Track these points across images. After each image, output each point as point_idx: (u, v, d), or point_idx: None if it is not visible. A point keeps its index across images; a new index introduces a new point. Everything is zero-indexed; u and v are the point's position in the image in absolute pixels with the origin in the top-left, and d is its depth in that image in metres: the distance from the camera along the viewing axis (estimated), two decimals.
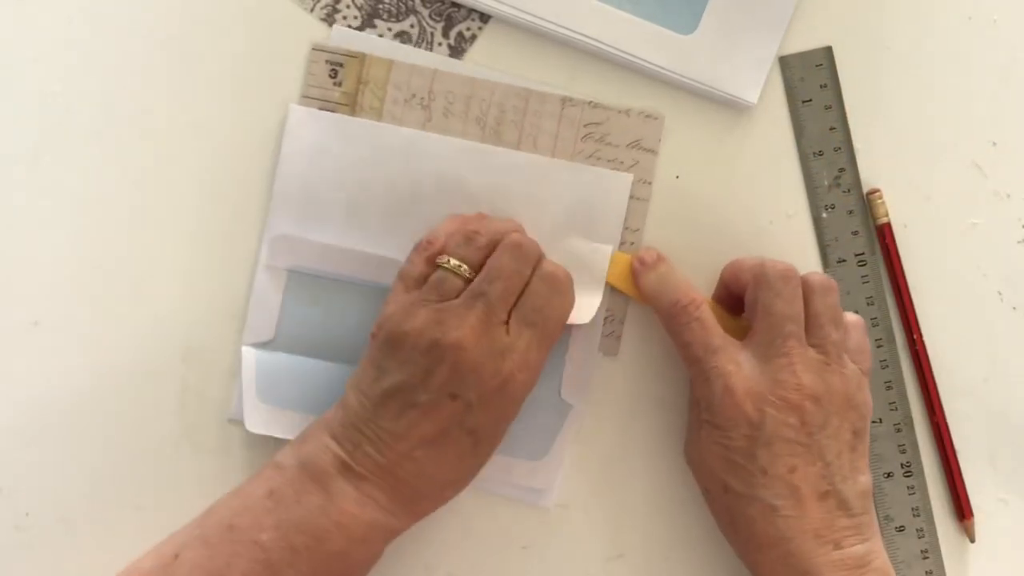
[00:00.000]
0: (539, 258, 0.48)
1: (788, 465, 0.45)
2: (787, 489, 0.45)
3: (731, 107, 0.53)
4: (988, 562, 0.53)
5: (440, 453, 0.45)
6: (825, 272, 0.53)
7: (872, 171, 0.54)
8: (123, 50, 0.52)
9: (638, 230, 0.52)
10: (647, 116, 0.53)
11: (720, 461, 0.47)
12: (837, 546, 0.45)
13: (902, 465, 0.52)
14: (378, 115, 0.52)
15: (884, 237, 0.53)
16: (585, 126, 0.53)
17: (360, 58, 0.52)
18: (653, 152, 0.53)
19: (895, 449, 0.52)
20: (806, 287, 0.48)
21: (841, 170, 0.53)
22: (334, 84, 0.52)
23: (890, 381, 0.53)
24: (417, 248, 0.48)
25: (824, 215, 0.53)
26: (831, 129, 0.53)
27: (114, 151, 0.52)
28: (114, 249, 0.52)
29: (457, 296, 0.46)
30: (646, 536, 0.52)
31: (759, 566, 0.46)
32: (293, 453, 0.46)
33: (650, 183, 0.53)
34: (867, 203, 0.53)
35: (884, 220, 0.53)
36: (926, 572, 0.52)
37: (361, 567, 0.46)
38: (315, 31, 0.53)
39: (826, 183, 0.53)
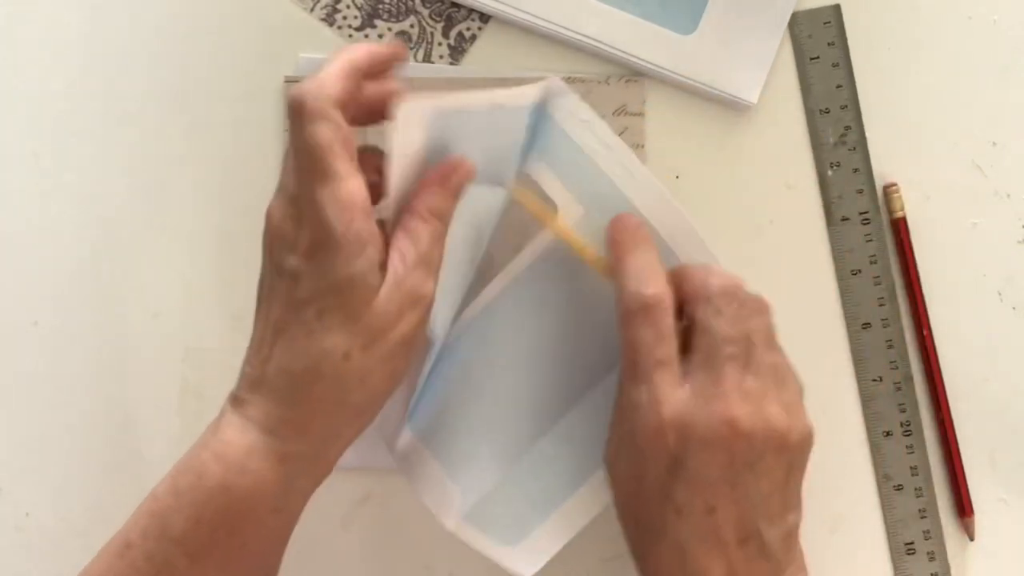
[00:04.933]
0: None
1: (707, 506, 0.40)
2: (703, 531, 0.40)
3: (731, 107, 0.53)
4: (987, 560, 0.53)
5: (290, 340, 0.40)
6: (829, 229, 0.53)
7: (873, 170, 0.54)
8: (124, 50, 0.52)
9: None
10: (627, 80, 0.53)
11: (632, 484, 0.42)
12: None
13: (901, 424, 0.53)
14: (362, 132, 0.51)
15: (899, 232, 0.53)
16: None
17: None
18: (640, 115, 0.53)
19: (895, 408, 0.53)
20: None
21: (847, 127, 0.53)
22: None
23: (891, 340, 0.53)
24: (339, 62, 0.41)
25: (829, 172, 0.53)
26: (838, 87, 0.53)
27: (114, 151, 0.52)
28: (114, 249, 0.52)
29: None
30: None
31: None
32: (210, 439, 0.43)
33: (643, 146, 0.53)
34: (884, 196, 0.53)
35: (900, 214, 0.53)
36: (923, 531, 0.52)
37: (248, 502, 0.40)
38: (315, 31, 0.53)
39: (832, 140, 0.53)
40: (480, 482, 0.46)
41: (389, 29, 0.53)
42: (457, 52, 0.53)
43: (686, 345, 0.42)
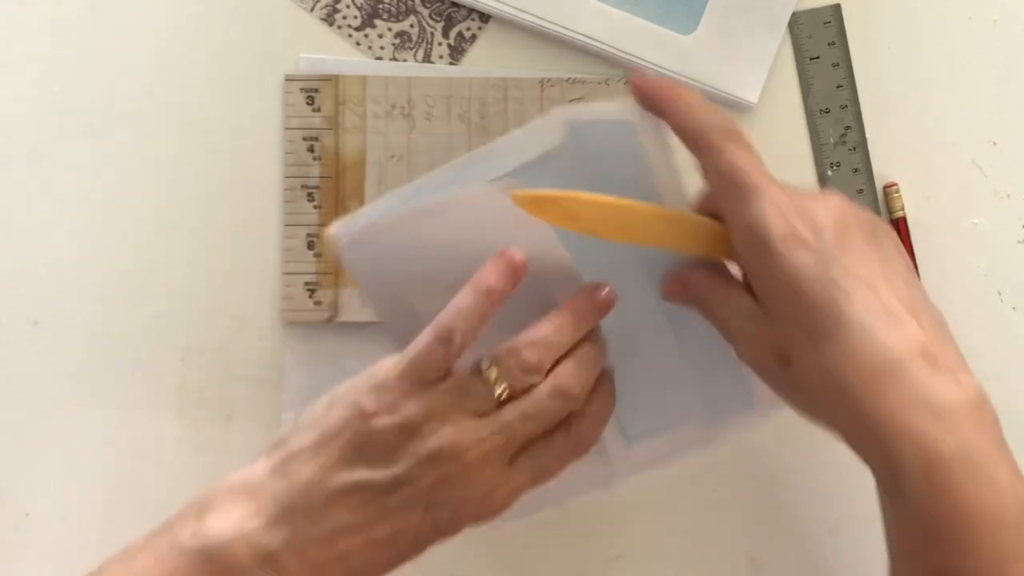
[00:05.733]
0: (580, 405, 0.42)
1: (871, 281, 0.38)
2: (881, 309, 0.38)
3: (731, 107, 0.53)
4: None
5: (377, 555, 0.40)
6: None
7: (873, 170, 0.54)
8: (124, 50, 0.52)
9: None
10: (627, 82, 0.53)
11: (790, 302, 0.39)
12: (953, 375, 0.38)
13: None
14: (362, 132, 0.52)
15: (899, 232, 0.53)
16: (568, 103, 0.52)
17: (334, 80, 0.52)
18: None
19: None
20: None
21: (847, 127, 0.53)
22: (313, 111, 0.52)
23: None
24: (439, 337, 0.40)
25: (829, 172, 0.53)
26: (838, 87, 0.53)
27: (114, 151, 0.52)
28: (114, 249, 0.52)
29: (482, 414, 0.40)
30: (646, 536, 0.52)
31: (876, 408, 0.37)
32: (196, 526, 0.39)
33: None
34: (884, 196, 0.53)
35: (900, 214, 0.53)
36: None
37: None
38: (316, 31, 0.53)
39: (832, 140, 0.53)
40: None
41: (389, 29, 0.53)
42: (457, 52, 0.53)
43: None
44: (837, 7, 0.54)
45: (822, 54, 0.54)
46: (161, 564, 0.38)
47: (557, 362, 0.42)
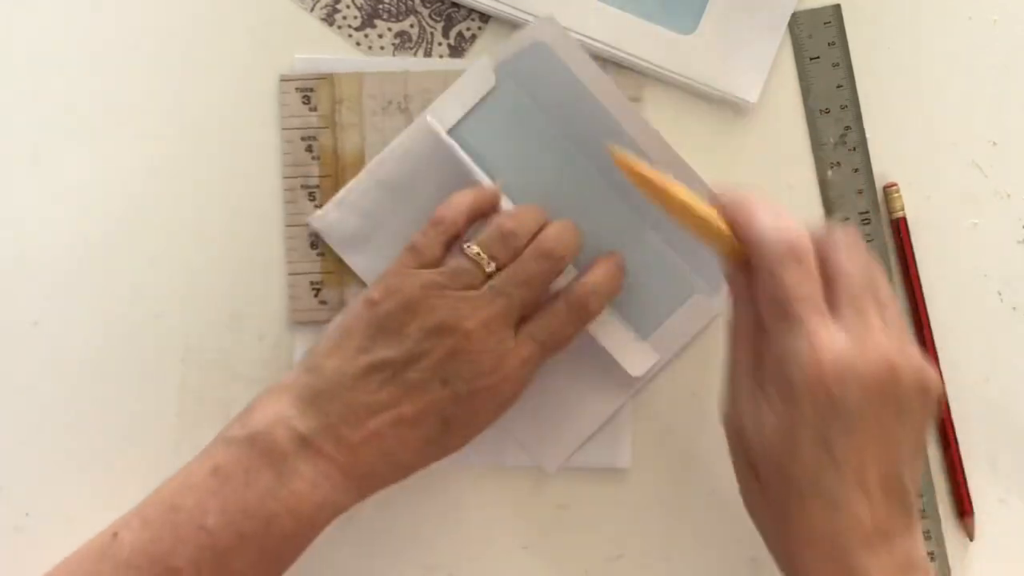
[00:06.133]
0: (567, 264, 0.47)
1: (862, 456, 0.39)
2: (857, 484, 0.39)
3: (731, 107, 0.53)
4: (987, 560, 0.53)
5: (409, 434, 0.44)
6: None
7: (873, 170, 0.54)
8: (123, 50, 0.52)
9: None
10: (621, 67, 0.53)
11: (780, 438, 0.40)
12: (890, 544, 0.40)
13: None
14: (360, 129, 0.52)
15: (899, 232, 0.53)
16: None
17: (329, 79, 0.52)
18: (637, 100, 0.53)
19: None
20: None
21: (847, 127, 0.53)
22: (309, 110, 0.52)
23: None
24: (432, 223, 0.47)
25: (829, 172, 0.53)
26: (838, 87, 0.53)
27: (114, 151, 0.52)
28: (114, 249, 0.52)
29: (475, 287, 0.45)
30: (646, 536, 0.52)
31: (797, 560, 0.40)
32: (241, 424, 0.44)
33: None
34: (884, 196, 0.53)
35: (900, 214, 0.53)
36: (923, 531, 0.52)
37: (306, 545, 0.44)
38: (315, 31, 0.53)
39: (832, 140, 0.53)
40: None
41: (389, 29, 0.53)
42: (457, 52, 0.53)
43: (827, 293, 0.41)
44: (837, 7, 0.54)
45: (822, 54, 0.54)
46: (213, 458, 0.43)
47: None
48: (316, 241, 0.52)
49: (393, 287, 0.45)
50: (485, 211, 0.48)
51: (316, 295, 0.52)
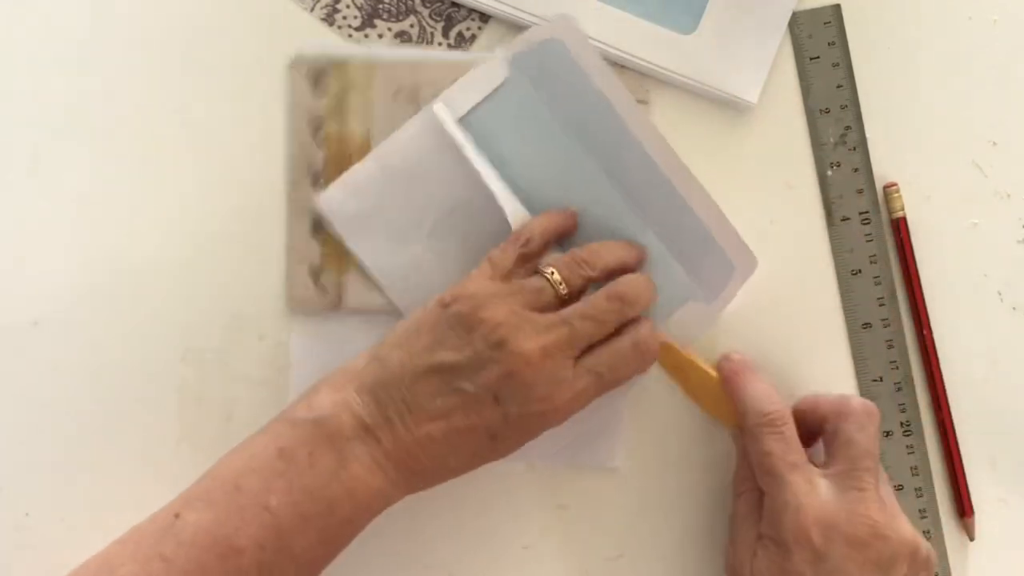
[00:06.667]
0: (640, 315, 0.48)
1: None
2: None
3: (731, 107, 0.53)
4: (987, 560, 0.53)
5: (459, 444, 0.45)
6: (829, 229, 0.53)
7: (873, 170, 0.54)
8: (123, 50, 0.52)
9: None
10: (628, 69, 0.53)
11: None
12: None
13: (901, 424, 0.53)
14: (368, 117, 0.52)
15: (899, 232, 0.53)
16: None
17: (340, 64, 0.52)
18: (644, 103, 0.53)
19: (895, 408, 0.53)
20: None
21: (847, 127, 0.53)
22: (318, 95, 0.52)
23: (891, 340, 0.53)
24: (513, 240, 0.48)
25: (829, 172, 0.53)
26: (838, 87, 0.53)
27: (114, 151, 0.52)
28: (114, 249, 0.52)
29: (544, 310, 0.46)
30: (646, 536, 0.53)
31: None
32: (307, 406, 0.45)
33: None
34: (884, 196, 0.53)
35: (900, 214, 0.53)
36: (923, 531, 0.52)
37: (359, 531, 0.45)
38: (316, 31, 0.53)
39: (832, 140, 0.53)
40: None
41: (389, 29, 0.53)
42: (457, 52, 0.53)
43: (830, 458, 0.48)
44: (837, 7, 0.54)
45: (822, 54, 0.54)
46: (277, 439, 0.44)
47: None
48: (318, 226, 0.52)
49: (467, 293, 0.46)
50: (562, 235, 0.50)
51: (315, 281, 0.52)
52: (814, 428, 0.49)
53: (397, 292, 0.51)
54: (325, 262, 0.52)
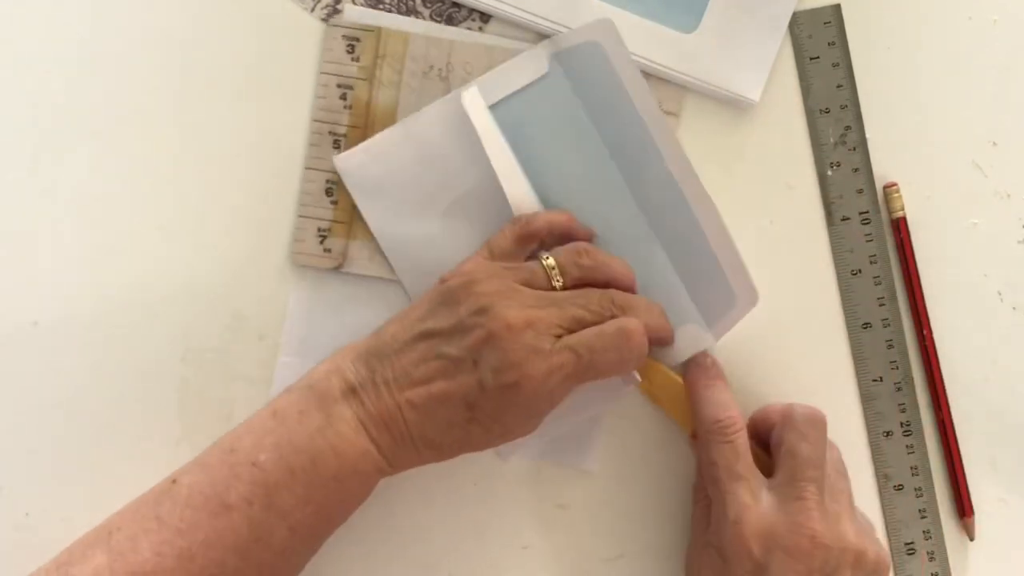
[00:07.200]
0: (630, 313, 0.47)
1: None
2: None
3: (732, 106, 0.53)
4: (987, 560, 0.53)
5: (437, 411, 0.45)
6: (829, 229, 0.53)
7: (873, 170, 0.54)
8: (123, 50, 0.52)
9: None
10: (662, 80, 0.53)
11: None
12: None
13: (901, 424, 0.53)
14: (396, 88, 0.52)
15: (899, 232, 0.53)
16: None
17: (376, 32, 0.52)
18: (674, 114, 0.53)
19: (895, 408, 0.53)
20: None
21: (847, 127, 0.53)
22: (351, 59, 0.52)
23: (891, 340, 0.53)
24: (513, 222, 0.49)
25: (829, 172, 0.53)
26: (838, 87, 0.53)
27: (114, 151, 0.52)
28: (114, 249, 0.52)
29: (533, 286, 0.47)
30: (646, 536, 0.53)
31: None
32: (307, 376, 0.46)
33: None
34: (884, 196, 0.53)
35: (900, 214, 0.53)
36: (923, 531, 0.52)
37: (352, 499, 0.46)
38: (315, 31, 0.53)
39: (832, 140, 0.53)
40: None
41: None
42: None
43: (776, 468, 0.48)
44: (837, 7, 0.54)
45: (822, 54, 0.54)
46: (274, 403, 0.46)
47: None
48: (332, 189, 0.52)
49: (463, 270, 0.47)
50: (568, 235, 0.50)
51: (321, 242, 0.52)
52: (766, 438, 0.49)
53: (399, 263, 0.52)
54: (335, 227, 0.52)
